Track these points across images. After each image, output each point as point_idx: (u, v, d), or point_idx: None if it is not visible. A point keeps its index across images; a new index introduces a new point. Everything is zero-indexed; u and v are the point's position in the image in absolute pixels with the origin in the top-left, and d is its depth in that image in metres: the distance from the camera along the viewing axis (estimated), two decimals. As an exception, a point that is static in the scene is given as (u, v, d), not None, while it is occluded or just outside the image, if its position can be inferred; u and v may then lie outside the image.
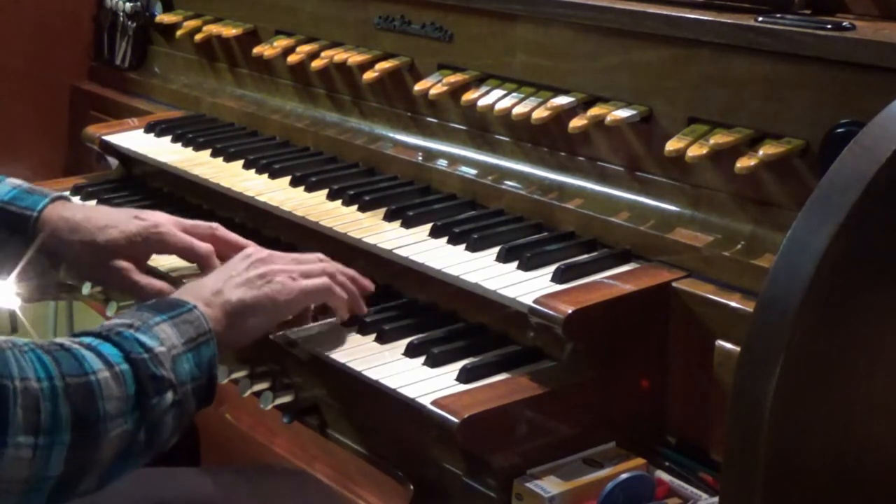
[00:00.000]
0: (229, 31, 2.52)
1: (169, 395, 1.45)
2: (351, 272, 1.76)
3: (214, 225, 1.90)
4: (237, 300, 1.60)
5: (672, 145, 1.70)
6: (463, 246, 1.78)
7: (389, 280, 1.87)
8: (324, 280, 1.69)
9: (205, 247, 1.85)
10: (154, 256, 1.92)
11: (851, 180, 1.20)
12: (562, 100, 1.88)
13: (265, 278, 1.64)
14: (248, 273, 1.65)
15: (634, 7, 1.80)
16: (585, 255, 1.73)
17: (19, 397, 1.31)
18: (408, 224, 1.87)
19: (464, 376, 1.57)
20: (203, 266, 1.86)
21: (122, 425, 1.40)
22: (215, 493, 1.72)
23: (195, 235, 1.86)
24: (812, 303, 1.18)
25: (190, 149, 2.32)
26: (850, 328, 1.24)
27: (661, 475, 1.54)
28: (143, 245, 1.85)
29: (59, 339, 1.43)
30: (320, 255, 1.75)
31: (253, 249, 1.74)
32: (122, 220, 1.86)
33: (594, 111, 1.82)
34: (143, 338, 1.46)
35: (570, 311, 1.55)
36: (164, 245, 1.86)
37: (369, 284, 1.77)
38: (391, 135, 2.19)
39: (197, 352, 1.51)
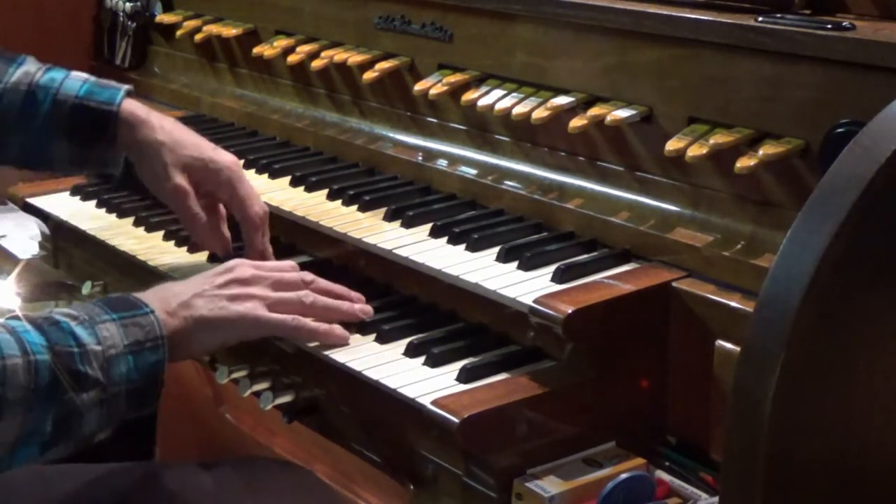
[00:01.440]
0: (229, 31, 2.52)
1: (93, 394, 1.44)
2: (335, 303, 1.71)
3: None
4: (199, 316, 1.59)
5: (672, 145, 1.70)
6: (463, 246, 1.78)
7: (389, 280, 1.87)
8: (293, 320, 1.65)
9: (261, 210, 1.86)
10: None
11: (851, 180, 1.20)
12: (562, 100, 1.88)
13: (237, 300, 1.62)
14: (221, 291, 1.63)
15: (634, 7, 1.80)
16: (585, 255, 1.73)
17: None
18: (408, 224, 1.87)
19: (464, 376, 1.57)
20: (249, 233, 1.86)
21: (23, 413, 1.40)
22: (211, 486, 1.72)
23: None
24: (812, 303, 1.18)
25: (190, 149, 2.32)
26: (850, 328, 1.24)
27: (661, 475, 1.54)
28: (216, 176, 1.85)
29: None
30: (304, 277, 1.72)
31: (236, 263, 1.70)
32: (207, 146, 1.88)
33: (594, 111, 1.82)
34: (80, 332, 1.45)
35: (570, 311, 1.55)
36: (232, 187, 1.85)
37: (360, 312, 1.72)
38: (391, 135, 2.19)
39: (139, 355, 1.50)
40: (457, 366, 1.59)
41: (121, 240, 2.10)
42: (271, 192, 2.06)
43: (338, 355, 1.65)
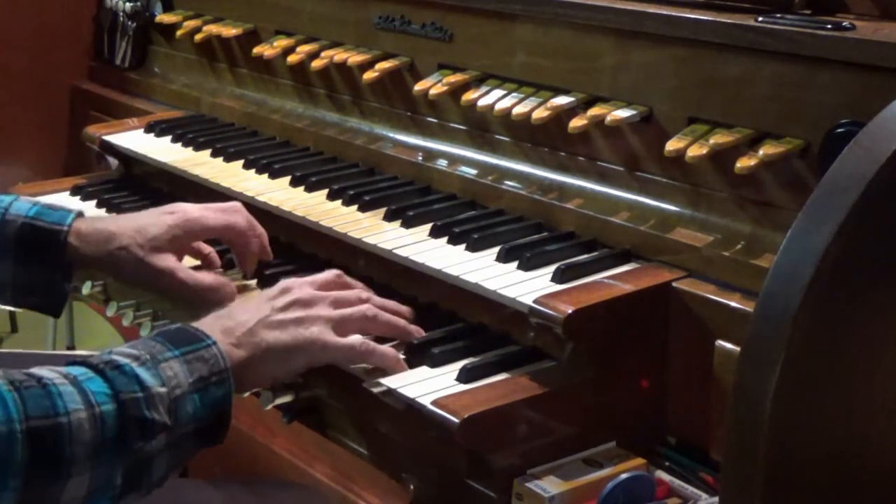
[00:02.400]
0: (229, 31, 2.52)
1: (160, 438, 1.39)
2: (395, 320, 1.67)
3: (237, 205, 1.90)
4: (267, 345, 1.53)
5: (672, 145, 1.70)
6: (463, 246, 1.78)
7: (389, 280, 1.87)
8: (362, 345, 1.59)
9: (239, 220, 1.86)
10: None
11: (851, 180, 1.20)
12: (562, 100, 1.88)
13: (302, 324, 1.57)
14: (286, 315, 1.57)
15: (634, 7, 1.80)
16: (585, 255, 1.73)
17: None
18: (408, 224, 1.87)
19: (464, 376, 1.57)
20: (237, 247, 1.87)
21: (91, 469, 1.34)
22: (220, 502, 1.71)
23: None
24: (812, 303, 1.18)
25: (190, 149, 2.32)
26: (850, 328, 1.24)
27: (661, 475, 1.54)
28: (185, 237, 1.84)
29: (43, 371, 1.37)
30: (361, 295, 1.68)
31: (293, 283, 1.64)
32: (154, 220, 1.84)
33: (594, 111, 1.82)
34: (143, 375, 1.39)
35: (570, 311, 1.55)
36: (203, 231, 1.85)
37: (415, 332, 1.67)
38: (391, 135, 2.19)
39: (205, 392, 1.45)
40: (457, 366, 1.59)
41: (121, 240, 2.09)
42: (271, 192, 2.06)
43: (338, 355, 1.65)
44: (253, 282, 1.89)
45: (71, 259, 1.83)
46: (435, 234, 1.83)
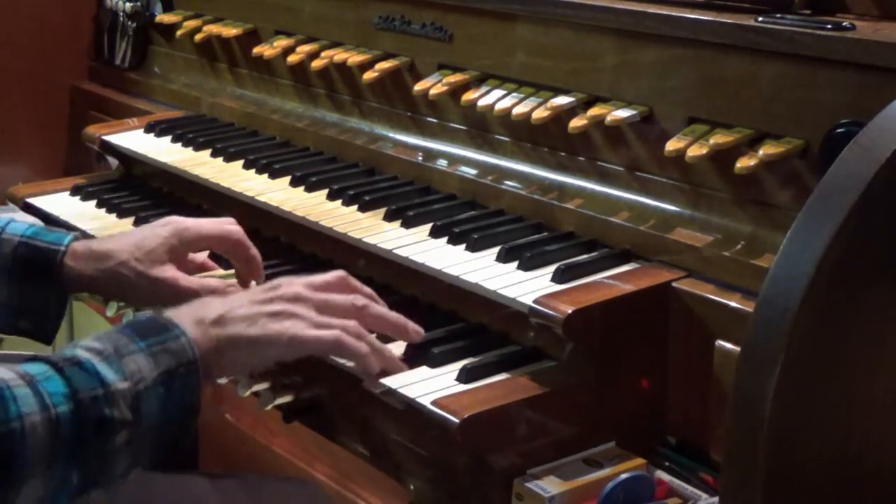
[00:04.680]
0: (229, 31, 2.52)
1: (122, 435, 1.36)
2: (386, 314, 1.62)
3: (231, 220, 1.87)
4: (233, 334, 1.49)
5: (672, 145, 1.70)
6: (463, 246, 1.78)
7: (389, 280, 1.87)
8: (334, 338, 1.54)
9: (235, 228, 1.83)
10: None
11: (851, 180, 1.20)
12: (562, 100, 1.88)
13: (276, 318, 1.52)
14: (262, 308, 1.53)
15: (634, 7, 1.80)
16: (585, 255, 1.73)
17: None
18: (408, 224, 1.87)
19: (464, 376, 1.57)
20: (238, 256, 1.84)
21: (46, 471, 1.31)
22: (216, 499, 1.70)
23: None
24: (812, 303, 1.18)
25: (190, 149, 2.32)
26: (850, 328, 1.24)
27: (661, 475, 1.54)
28: (180, 247, 1.81)
29: (1, 371, 1.33)
30: (356, 302, 1.60)
31: (283, 281, 1.59)
32: (149, 233, 1.82)
33: (594, 111, 1.82)
34: (104, 371, 1.36)
35: (570, 311, 1.55)
36: (199, 239, 1.83)
37: (415, 335, 1.63)
38: (391, 135, 2.19)
39: (170, 385, 1.40)
40: (457, 366, 1.59)
41: (121, 240, 2.09)
42: (271, 192, 2.06)
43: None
44: (254, 283, 1.89)
45: (68, 281, 1.80)
46: (435, 234, 1.83)
